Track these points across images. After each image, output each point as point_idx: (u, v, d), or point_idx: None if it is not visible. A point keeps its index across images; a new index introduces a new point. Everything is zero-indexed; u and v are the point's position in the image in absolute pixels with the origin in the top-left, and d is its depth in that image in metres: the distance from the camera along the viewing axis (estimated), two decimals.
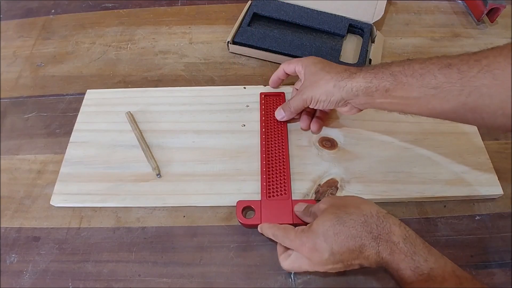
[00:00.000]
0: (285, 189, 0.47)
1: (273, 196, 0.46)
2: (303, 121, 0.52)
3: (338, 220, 0.36)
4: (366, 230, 0.35)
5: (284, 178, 0.48)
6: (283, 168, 0.49)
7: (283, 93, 0.57)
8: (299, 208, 0.44)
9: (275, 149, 0.51)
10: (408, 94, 0.39)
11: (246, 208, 0.46)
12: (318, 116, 0.53)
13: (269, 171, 0.48)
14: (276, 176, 0.48)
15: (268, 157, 0.50)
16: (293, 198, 0.46)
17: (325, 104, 0.46)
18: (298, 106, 0.49)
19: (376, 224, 0.35)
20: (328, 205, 0.39)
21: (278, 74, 0.54)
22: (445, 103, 0.37)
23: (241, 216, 0.45)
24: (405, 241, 0.34)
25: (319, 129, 0.52)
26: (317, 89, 0.45)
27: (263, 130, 0.52)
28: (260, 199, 0.46)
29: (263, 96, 0.56)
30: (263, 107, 0.55)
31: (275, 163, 0.49)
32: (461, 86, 0.35)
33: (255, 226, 0.44)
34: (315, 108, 0.48)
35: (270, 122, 0.53)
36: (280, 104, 0.53)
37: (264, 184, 0.47)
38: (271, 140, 0.51)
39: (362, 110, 0.46)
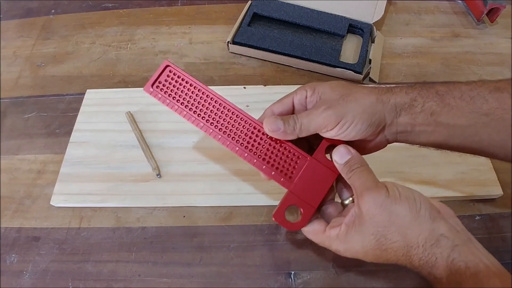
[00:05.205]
0: (294, 154, 0.36)
1: (292, 171, 0.36)
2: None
3: (378, 244, 0.31)
4: (406, 261, 0.31)
5: (279, 143, 0.37)
6: (261, 134, 0.37)
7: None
8: (340, 157, 0.34)
9: (237, 125, 0.39)
10: (455, 121, 0.33)
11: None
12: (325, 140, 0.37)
13: (259, 151, 0.37)
14: (272, 148, 0.36)
15: (244, 139, 0.38)
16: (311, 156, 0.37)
17: (359, 130, 0.34)
18: (311, 127, 0.34)
19: (419, 258, 0.30)
20: (370, 214, 0.31)
21: (285, 106, 0.37)
22: (495, 135, 0.32)
23: (289, 224, 0.35)
24: (448, 279, 0.29)
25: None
26: (354, 104, 0.33)
27: (206, 120, 0.40)
28: (286, 189, 0.36)
29: (159, 83, 0.40)
30: (170, 94, 0.40)
31: (256, 136, 0.37)
32: None
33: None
34: (336, 137, 0.35)
35: (205, 105, 0.41)
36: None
37: (272, 169, 0.36)
38: (222, 121, 0.40)
39: (388, 144, 0.38)
